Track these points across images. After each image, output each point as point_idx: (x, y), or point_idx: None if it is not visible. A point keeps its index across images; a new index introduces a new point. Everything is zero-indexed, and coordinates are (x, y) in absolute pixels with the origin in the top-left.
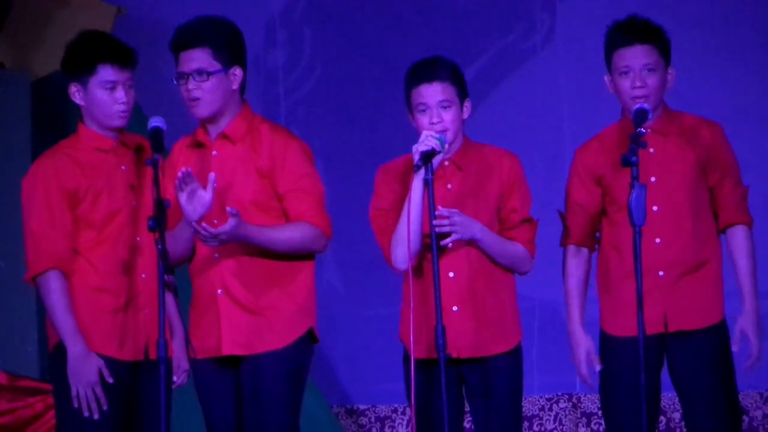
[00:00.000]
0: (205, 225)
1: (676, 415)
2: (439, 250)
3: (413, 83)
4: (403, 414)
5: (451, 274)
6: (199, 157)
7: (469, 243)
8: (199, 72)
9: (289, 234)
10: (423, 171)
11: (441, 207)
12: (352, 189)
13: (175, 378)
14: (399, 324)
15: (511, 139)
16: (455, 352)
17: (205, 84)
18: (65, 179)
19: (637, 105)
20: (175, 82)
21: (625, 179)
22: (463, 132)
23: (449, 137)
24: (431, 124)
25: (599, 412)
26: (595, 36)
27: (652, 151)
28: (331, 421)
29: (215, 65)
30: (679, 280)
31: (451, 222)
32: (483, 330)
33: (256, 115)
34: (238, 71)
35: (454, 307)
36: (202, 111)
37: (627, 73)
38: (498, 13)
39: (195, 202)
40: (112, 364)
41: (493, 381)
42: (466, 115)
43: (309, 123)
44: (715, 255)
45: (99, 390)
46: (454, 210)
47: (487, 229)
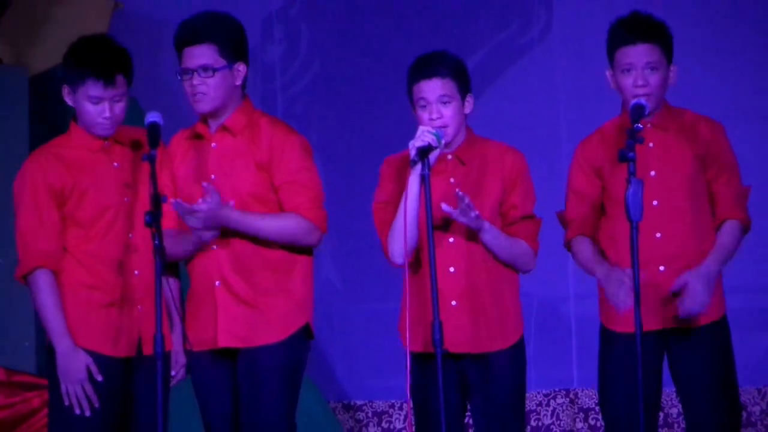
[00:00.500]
0: (179, 200)
1: (674, 411)
2: (435, 240)
3: (414, 79)
4: (400, 409)
5: (451, 269)
6: (198, 149)
7: (471, 237)
8: (205, 68)
9: (277, 223)
10: (420, 166)
11: (458, 190)
12: (348, 184)
13: (173, 372)
14: (399, 318)
15: (508, 134)
16: (453, 347)
17: (210, 80)
18: (51, 178)
19: (635, 100)
20: (178, 78)
21: (622, 174)
22: (468, 126)
23: (449, 133)
24: (431, 119)
25: (596, 408)
26: (591, 31)
27: (651, 145)
28: (328, 416)
29: (221, 62)
30: (679, 275)
31: (465, 206)
32: (481, 326)
33: (256, 110)
34: (242, 67)
35: (453, 302)
36: (206, 106)
37: (629, 70)
38: (495, 9)
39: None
40: (103, 360)
41: (493, 378)
42: (468, 110)
43: (305, 118)
44: None
45: (88, 387)
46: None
47: (491, 225)
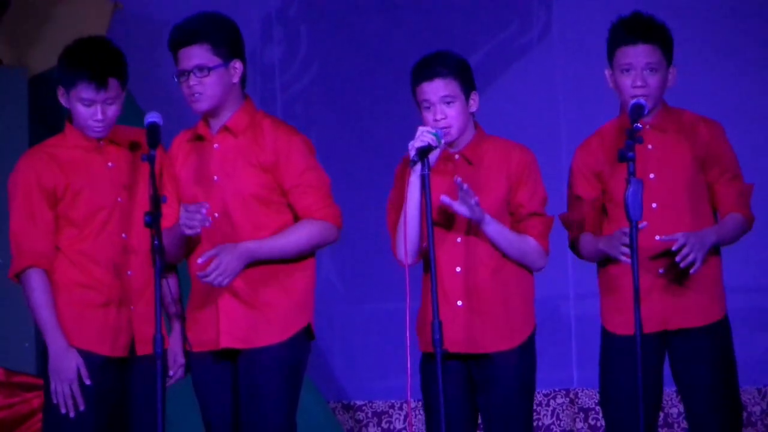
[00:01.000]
0: (201, 262)
1: (674, 411)
2: (440, 242)
3: (416, 81)
4: (400, 409)
5: (458, 269)
6: (200, 151)
7: (478, 236)
8: (200, 68)
9: (294, 237)
10: (419, 166)
11: (456, 177)
12: (348, 185)
13: (171, 372)
14: (416, 319)
15: (507, 134)
16: (458, 347)
17: (206, 79)
18: (44, 177)
19: (634, 100)
20: (175, 80)
21: (622, 175)
22: (477, 123)
23: (453, 133)
24: (435, 120)
25: (596, 408)
26: (591, 32)
27: (650, 147)
28: (328, 416)
29: (215, 60)
30: (679, 277)
31: (472, 202)
32: (487, 326)
33: (258, 110)
34: (238, 64)
35: (459, 302)
36: (204, 105)
37: (629, 71)
38: (494, 9)
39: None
40: (96, 360)
41: (499, 378)
42: (473, 109)
43: (305, 119)
44: (715, 252)
45: (76, 388)
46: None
47: (492, 218)
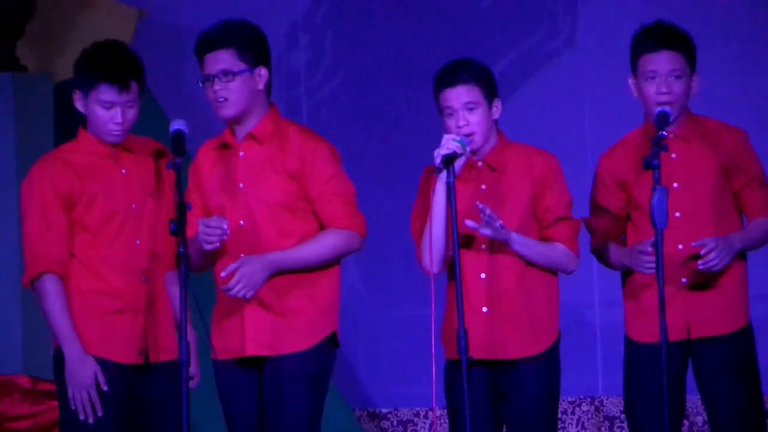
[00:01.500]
0: (225, 276)
1: (699, 419)
2: (465, 249)
3: (439, 88)
4: (425, 417)
5: (482, 275)
6: (226, 159)
7: (503, 246)
8: (225, 72)
9: (319, 246)
10: (445, 174)
11: (479, 203)
12: (373, 191)
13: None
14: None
15: (533, 141)
16: (483, 354)
17: (231, 84)
18: (59, 183)
19: (659, 108)
20: (201, 85)
21: (647, 183)
22: (500, 131)
23: (477, 140)
24: (458, 127)
25: (622, 416)
26: (616, 39)
27: (674, 156)
28: (353, 424)
29: (240, 65)
30: (702, 286)
31: (491, 216)
32: (512, 332)
33: (283, 118)
34: (263, 71)
35: (484, 308)
36: (228, 111)
37: (653, 78)
38: (520, 16)
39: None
40: (110, 367)
41: (523, 384)
42: (496, 116)
43: (330, 125)
44: (739, 260)
45: (94, 394)
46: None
47: (519, 234)
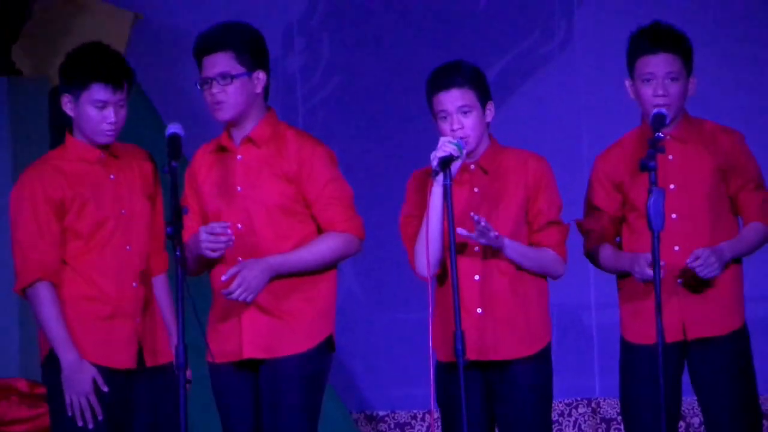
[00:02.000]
0: (225, 280)
1: (696, 420)
2: (459, 253)
3: (432, 91)
4: (422, 420)
5: (476, 277)
6: (224, 162)
7: (495, 252)
8: (223, 75)
9: (318, 250)
10: (441, 177)
11: (473, 214)
12: (369, 195)
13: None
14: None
15: (528, 143)
16: (478, 355)
17: (228, 87)
18: (51, 190)
19: (655, 110)
20: (198, 88)
21: (644, 185)
22: (491, 135)
23: (471, 142)
24: (452, 130)
25: (618, 418)
26: (612, 41)
27: (671, 157)
28: (350, 427)
29: (239, 68)
30: (698, 287)
31: (486, 227)
32: (506, 333)
33: (281, 121)
34: (261, 75)
35: (478, 310)
36: (226, 114)
37: (650, 80)
38: (516, 18)
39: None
40: (103, 372)
41: (516, 386)
42: (489, 118)
43: (327, 129)
44: (735, 262)
45: (93, 399)
46: (478, 217)
47: (512, 241)
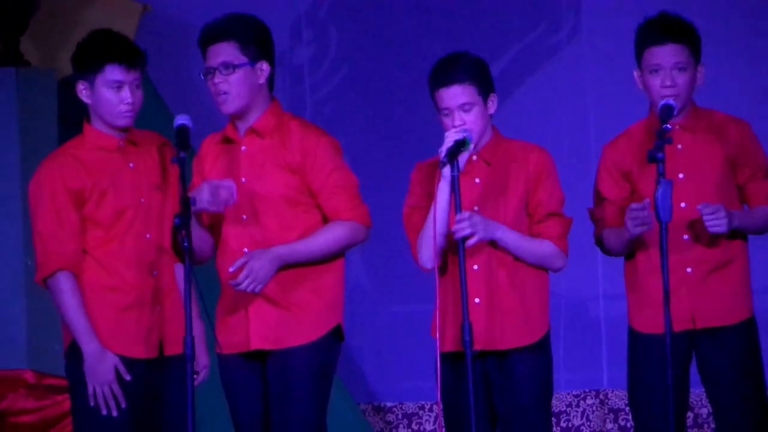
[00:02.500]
0: (233, 271)
1: (704, 411)
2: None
3: (434, 87)
4: (430, 411)
5: (475, 267)
6: (229, 153)
7: (493, 242)
8: (226, 65)
9: (324, 239)
10: (448, 168)
11: (463, 211)
12: (376, 186)
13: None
14: (432, 321)
15: (536, 135)
16: (476, 345)
17: (231, 77)
18: (70, 179)
19: (663, 101)
20: (203, 78)
21: (651, 175)
22: (494, 126)
23: (474, 138)
24: (454, 127)
25: (626, 408)
26: (619, 33)
27: (680, 147)
28: (358, 418)
29: (242, 58)
30: (706, 276)
31: (471, 223)
32: (504, 322)
33: (285, 112)
34: (265, 66)
35: (477, 299)
36: (230, 105)
37: (657, 71)
38: (523, 11)
39: (219, 196)
40: (125, 362)
41: (516, 375)
42: (492, 111)
43: (334, 120)
44: (743, 252)
45: (116, 387)
46: (469, 213)
47: (509, 229)
